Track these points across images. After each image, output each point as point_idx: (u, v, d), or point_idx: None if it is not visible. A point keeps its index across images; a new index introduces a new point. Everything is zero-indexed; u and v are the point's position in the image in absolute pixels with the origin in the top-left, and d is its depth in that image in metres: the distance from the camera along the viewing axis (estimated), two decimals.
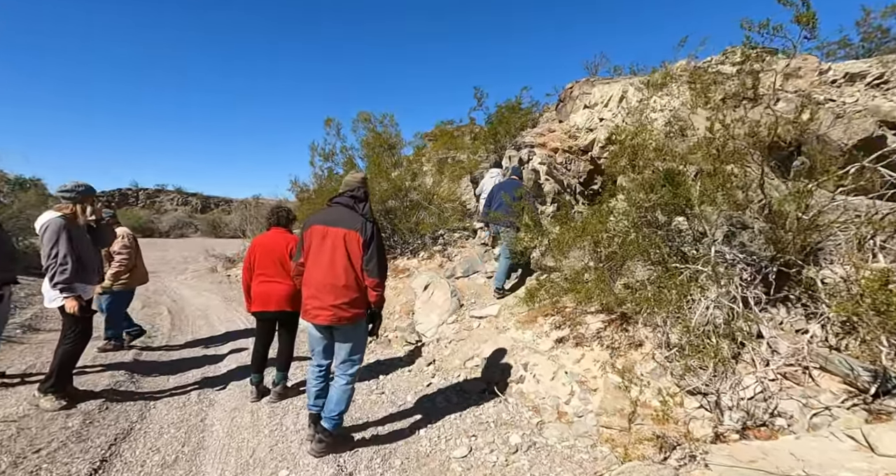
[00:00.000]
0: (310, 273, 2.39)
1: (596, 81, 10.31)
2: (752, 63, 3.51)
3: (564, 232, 3.16)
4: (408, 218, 7.45)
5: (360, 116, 7.54)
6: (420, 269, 6.72)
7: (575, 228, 3.09)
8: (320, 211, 2.53)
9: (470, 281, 5.23)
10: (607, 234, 2.83)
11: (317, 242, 2.39)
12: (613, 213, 3.01)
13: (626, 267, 3.27)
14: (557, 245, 3.23)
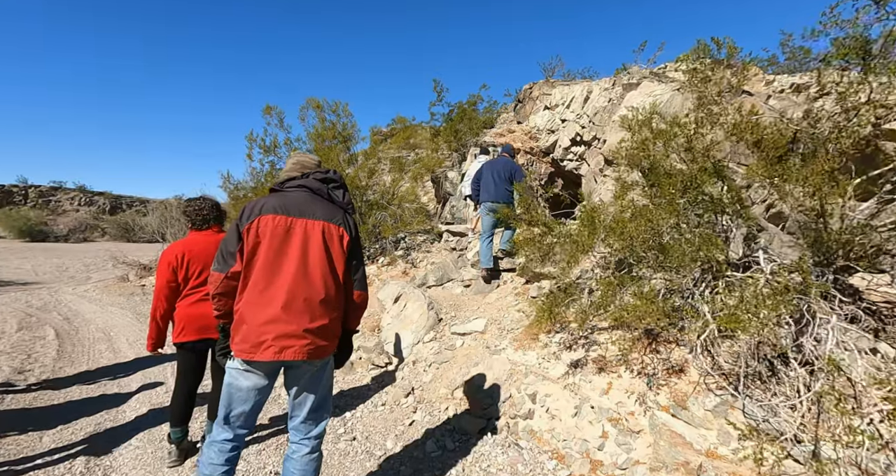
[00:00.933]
0: (263, 286, 1.59)
1: (556, 83, 10.24)
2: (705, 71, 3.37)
3: (583, 229, 2.66)
4: (364, 220, 6.66)
5: (309, 103, 6.63)
6: (381, 276, 5.97)
7: (595, 226, 2.61)
8: (268, 197, 1.73)
9: (445, 291, 4.61)
10: (643, 235, 2.38)
11: (274, 240, 1.61)
12: (638, 211, 2.57)
13: (635, 273, 2.86)
14: (572, 246, 2.73)
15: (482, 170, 4.83)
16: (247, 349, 1.56)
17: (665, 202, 2.39)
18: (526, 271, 4.04)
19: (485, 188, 4.69)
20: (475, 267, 4.74)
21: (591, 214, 2.70)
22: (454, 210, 7.14)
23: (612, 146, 5.58)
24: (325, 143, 7.07)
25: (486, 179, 4.68)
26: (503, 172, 4.67)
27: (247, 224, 1.63)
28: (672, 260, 2.17)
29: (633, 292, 2.25)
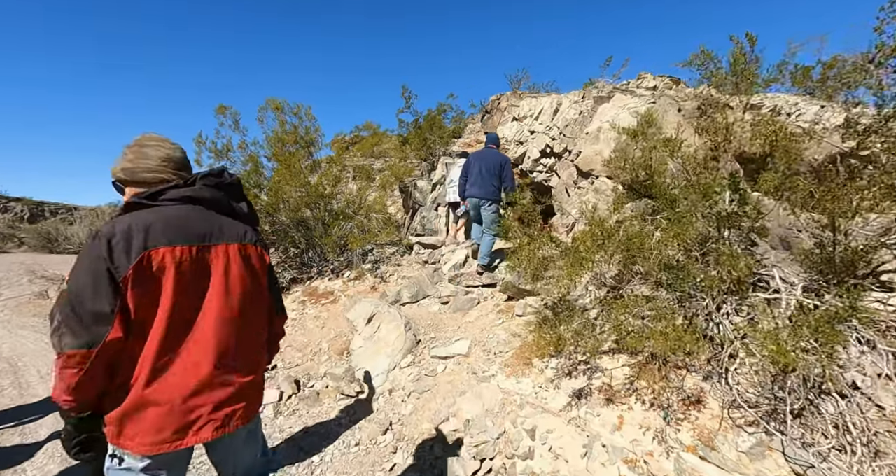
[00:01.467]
0: (177, 345, 1.14)
1: (523, 94, 10.30)
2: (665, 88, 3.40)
3: (588, 243, 2.44)
4: (327, 231, 6.19)
5: (268, 104, 6.11)
6: (348, 292, 5.52)
7: (601, 240, 2.40)
8: (136, 215, 1.15)
9: (421, 308, 4.26)
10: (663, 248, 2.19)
11: (181, 282, 1.15)
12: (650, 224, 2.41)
13: (640, 293, 2.69)
14: (573, 261, 2.50)
15: (470, 161, 4.53)
16: (164, 439, 1.10)
17: (681, 216, 2.22)
18: (509, 288, 3.80)
19: (471, 182, 4.39)
20: (453, 282, 4.45)
21: (600, 227, 2.48)
22: (425, 221, 6.83)
23: (587, 158, 5.55)
24: (285, 147, 6.55)
25: (474, 172, 4.39)
26: (493, 167, 4.40)
27: (128, 266, 1.07)
28: (688, 279, 1.99)
29: (653, 316, 2.04)
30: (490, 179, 4.38)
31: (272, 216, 6.25)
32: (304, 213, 6.16)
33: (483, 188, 4.36)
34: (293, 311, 5.40)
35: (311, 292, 5.84)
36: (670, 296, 2.22)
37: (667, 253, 2.12)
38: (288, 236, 6.24)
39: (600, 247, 2.31)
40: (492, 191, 4.37)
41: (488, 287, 4.31)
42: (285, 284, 6.26)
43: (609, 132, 5.19)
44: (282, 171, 5.90)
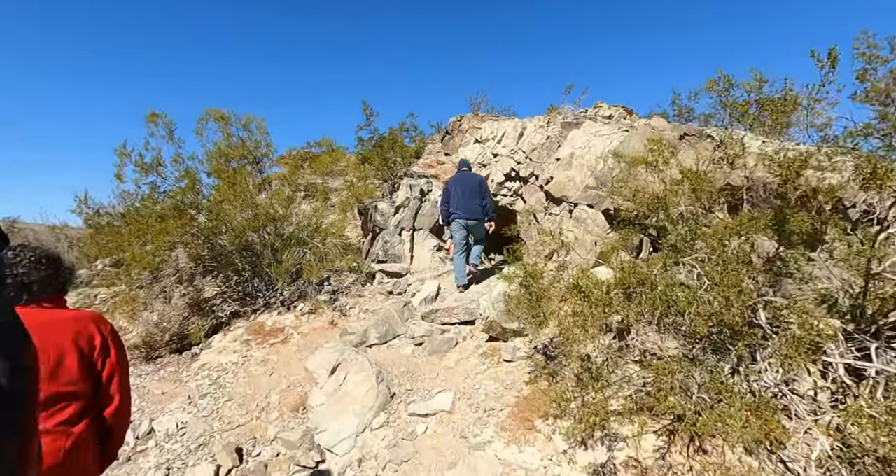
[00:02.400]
0: None
1: (485, 117, 10.25)
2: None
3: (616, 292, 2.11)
4: (277, 257, 5.49)
5: (211, 115, 5.40)
6: (301, 329, 4.84)
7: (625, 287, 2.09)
8: None
9: (391, 351, 3.74)
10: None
11: None
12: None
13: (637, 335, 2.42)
14: (597, 312, 2.14)
15: (450, 185, 4.78)
16: None
17: (725, 265, 1.94)
18: (493, 327, 3.42)
19: (454, 204, 4.61)
20: (426, 319, 3.99)
21: (633, 275, 2.11)
22: (387, 246, 6.33)
23: (560, 184, 5.42)
24: (229, 163, 5.81)
25: (456, 194, 4.63)
26: (473, 187, 4.66)
27: None
28: (745, 340, 1.70)
29: (709, 387, 1.70)
30: (473, 199, 4.61)
31: (211, 241, 5.44)
32: (249, 237, 5.43)
33: (468, 209, 4.58)
34: (235, 353, 4.63)
35: (257, 329, 5.08)
36: (724, 362, 1.91)
37: (721, 311, 1.85)
38: (230, 263, 5.45)
39: (629, 298, 1.99)
40: (477, 210, 4.63)
41: (466, 324, 3.90)
42: (225, 319, 5.43)
43: (583, 159, 5.11)
44: (224, 190, 5.17)
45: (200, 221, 5.27)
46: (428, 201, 6.94)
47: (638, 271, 2.03)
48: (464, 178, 4.73)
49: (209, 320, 5.35)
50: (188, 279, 5.64)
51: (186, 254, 5.59)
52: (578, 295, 2.02)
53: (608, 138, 4.90)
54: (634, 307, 1.90)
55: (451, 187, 4.69)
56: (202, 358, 4.75)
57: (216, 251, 5.53)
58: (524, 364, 3.06)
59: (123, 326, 5.82)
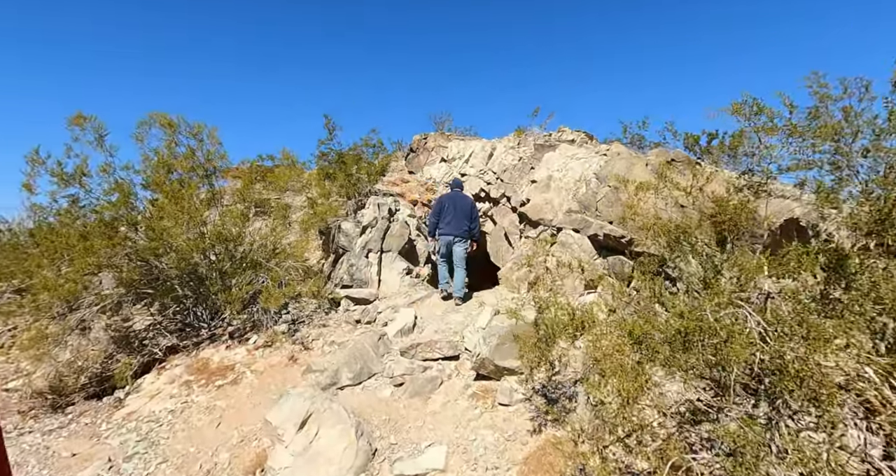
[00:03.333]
0: None
1: (451, 136, 10.15)
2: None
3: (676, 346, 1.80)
4: (224, 282, 4.84)
5: (155, 120, 4.73)
6: (255, 366, 4.22)
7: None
8: None
9: (367, 393, 3.27)
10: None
11: None
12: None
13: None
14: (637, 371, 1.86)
15: (444, 203, 5.00)
16: None
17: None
18: (485, 365, 3.09)
19: (446, 222, 4.87)
20: (405, 355, 3.58)
21: (697, 321, 1.73)
22: (353, 269, 5.85)
23: (537, 206, 5.30)
24: (172, 175, 5.11)
25: (448, 212, 4.88)
26: (465, 208, 4.94)
27: None
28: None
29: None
30: (463, 220, 4.86)
31: (148, 263, 4.69)
32: (195, 259, 4.74)
33: (457, 228, 4.83)
34: (171, 398, 3.91)
35: (201, 367, 4.37)
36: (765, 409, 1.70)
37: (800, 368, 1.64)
38: (169, 289, 4.71)
39: (687, 349, 1.70)
40: (464, 230, 4.87)
41: (450, 360, 3.54)
42: (160, 355, 4.64)
43: (561, 181, 5.04)
44: (167, 206, 4.49)
45: (137, 241, 4.52)
46: (396, 221, 6.57)
47: (697, 317, 1.73)
48: (457, 198, 5.00)
49: (139, 357, 4.54)
50: (114, 308, 4.79)
51: (114, 278, 4.76)
52: (634, 345, 1.76)
53: (586, 161, 4.87)
54: (691, 358, 1.66)
55: (445, 205, 4.95)
56: (129, 405, 3.97)
57: (153, 275, 4.77)
58: (523, 408, 2.76)
59: (23, 368, 4.82)
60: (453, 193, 5.15)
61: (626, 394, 1.72)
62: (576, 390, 2.62)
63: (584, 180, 4.51)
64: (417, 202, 8.80)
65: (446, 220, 4.86)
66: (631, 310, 2.48)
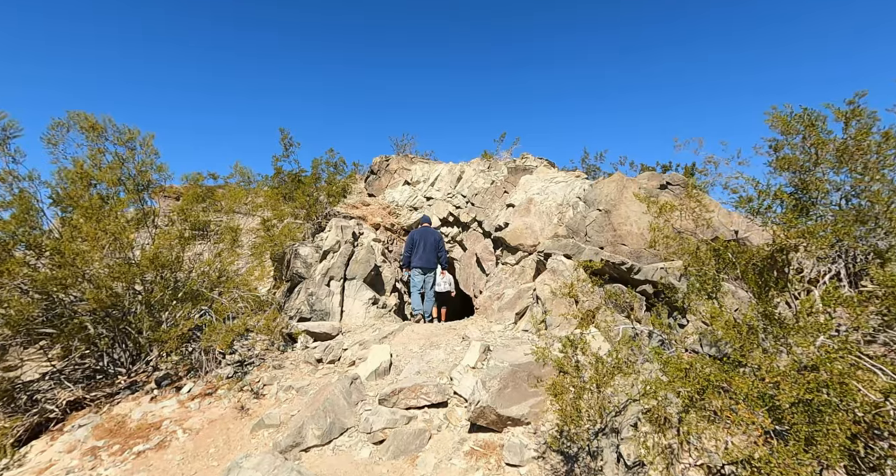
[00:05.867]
0: None
1: (415, 158, 9.84)
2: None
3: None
4: (154, 316, 4.00)
5: (76, 122, 3.93)
6: (189, 422, 3.40)
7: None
8: None
9: (340, 457, 2.64)
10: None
11: None
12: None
13: None
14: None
15: (415, 238, 5.57)
16: None
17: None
18: (486, 414, 2.62)
19: (418, 256, 5.46)
20: (385, 404, 3.01)
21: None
22: (312, 299, 5.17)
23: (517, 231, 5.03)
24: (93, 188, 4.26)
25: (419, 247, 5.49)
26: (433, 243, 5.55)
27: None
28: None
29: None
30: (432, 253, 5.49)
31: (48, 296, 3.75)
32: (116, 289, 3.87)
33: (427, 260, 5.46)
34: (67, 474, 3.00)
35: (114, 427, 3.47)
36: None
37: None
38: (77, 328, 3.77)
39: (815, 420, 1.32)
40: (434, 261, 5.54)
41: (437, 407, 3.01)
42: (56, 414, 3.65)
43: (542, 205, 4.84)
44: (84, 225, 3.65)
45: (40, 272, 3.60)
46: (361, 246, 6.01)
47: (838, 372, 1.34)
48: (427, 234, 5.57)
49: (25, 418, 3.52)
50: None
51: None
52: (758, 406, 1.39)
53: (567, 185, 4.73)
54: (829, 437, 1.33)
55: (416, 241, 5.52)
56: None
57: (55, 311, 3.82)
58: (537, 469, 2.31)
59: None
60: (422, 229, 5.70)
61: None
62: (599, 446, 2.23)
63: (569, 204, 4.33)
64: (380, 226, 8.28)
65: (418, 255, 5.43)
66: (674, 350, 2.17)
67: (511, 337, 3.75)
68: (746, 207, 2.07)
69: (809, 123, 2.13)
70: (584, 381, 1.90)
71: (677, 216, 2.67)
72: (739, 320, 1.67)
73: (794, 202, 2.10)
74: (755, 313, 1.64)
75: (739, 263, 1.95)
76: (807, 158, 2.35)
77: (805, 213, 2.24)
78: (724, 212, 3.58)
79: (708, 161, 2.94)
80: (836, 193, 2.99)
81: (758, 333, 1.48)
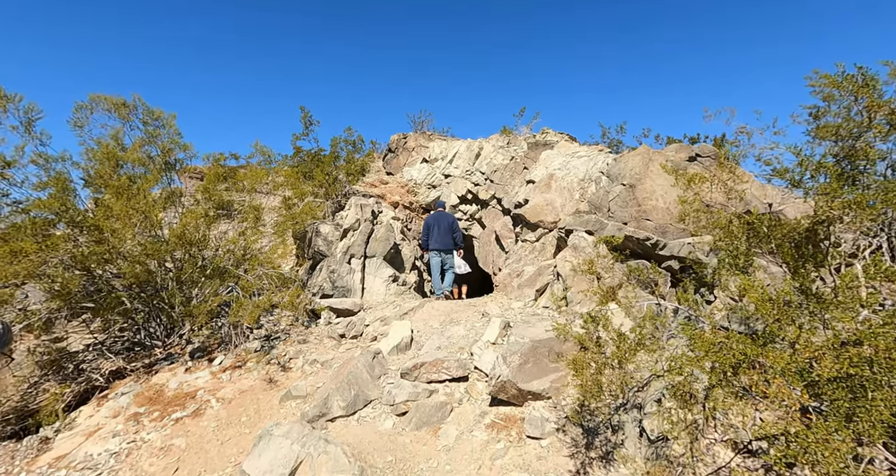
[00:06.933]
0: None
1: (433, 135, 9.72)
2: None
3: None
4: (184, 292, 4.16)
5: (100, 103, 4.00)
6: (222, 392, 3.58)
7: None
8: None
9: (365, 427, 2.74)
10: None
11: None
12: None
13: None
14: None
15: (430, 222, 5.79)
16: None
17: None
18: (506, 388, 2.65)
19: (434, 238, 5.70)
20: (407, 377, 3.08)
21: None
22: (334, 277, 5.27)
23: (537, 208, 4.95)
24: (121, 169, 4.38)
25: (434, 230, 5.72)
26: (448, 225, 5.73)
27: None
28: None
29: None
30: (448, 235, 5.69)
31: (89, 272, 3.93)
32: (149, 266, 4.03)
33: (444, 243, 5.66)
34: (115, 437, 3.21)
35: (154, 396, 3.68)
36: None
37: None
38: (115, 302, 3.96)
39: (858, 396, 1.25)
40: (450, 243, 5.72)
41: (458, 381, 3.07)
42: (101, 382, 3.89)
43: (563, 181, 4.72)
44: (115, 204, 3.78)
45: (77, 245, 3.77)
46: (381, 224, 6.05)
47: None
48: (441, 217, 5.76)
49: (74, 385, 3.77)
50: (42, 327, 3.99)
51: (45, 290, 3.97)
52: (804, 388, 1.34)
53: (590, 160, 4.58)
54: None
55: (431, 224, 5.76)
56: (58, 446, 3.22)
57: (95, 286, 4.01)
58: (558, 442, 2.33)
59: None
60: (437, 213, 5.90)
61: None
62: (621, 419, 2.23)
63: (591, 179, 4.20)
64: (398, 204, 8.29)
65: (434, 238, 5.69)
66: (706, 324, 2.12)
67: (531, 313, 3.75)
68: (787, 177, 1.95)
69: (864, 84, 1.95)
70: (606, 356, 1.89)
71: (707, 189, 2.55)
72: (774, 295, 1.60)
73: (839, 171, 1.97)
74: (791, 287, 1.57)
75: (775, 237, 1.86)
76: (856, 124, 2.18)
77: (852, 183, 2.10)
78: (758, 184, 3.41)
79: (740, 131, 2.77)
80: (882, 163, 2.80)
81: (795, 308, 1.41)
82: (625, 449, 2.14)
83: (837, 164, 2.61)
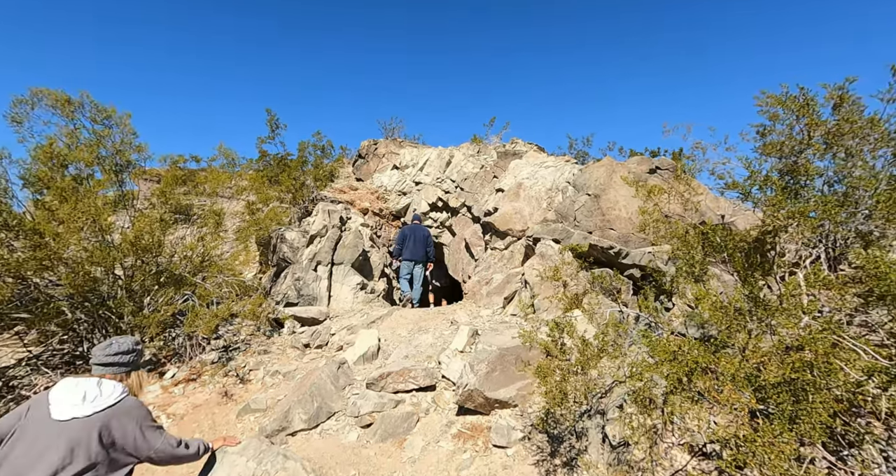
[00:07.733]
0: None
1: (404, 142, 9.69)
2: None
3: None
4: (135, 301, 3.91)
5: (43, 98, 3.73)
6: (173, 408, 3.36)
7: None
8: None
9: (328, 441, 2.64)
10: None
11: None
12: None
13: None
14: None
15: (406, 233, 5.83)
16: None
17: None
18: (473, 397, 2.63)
19: (408, 248, 5.69)
20: (373, 388, 3.00)
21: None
22: (299, 284, 5.11)
23: (506, 216, 5.01)
24: (64, 170, 4.09)
25: (410, 242, 5.72)
26: (422, 238, 5.76)
27: None
28: None
29: None
30: (422, 247, 5.71)
31: (24, 280, 3.62)
32: (93, 273, 3.75)
33: (416, 254, 5.67)
34: None
35: None
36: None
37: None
38: (53, 313, 3.66)
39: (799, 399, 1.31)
40: (422, 255, 5.72)
41: (425, 391, 3.02)
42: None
43: (531, 190, 4.80)
44: (59, 208, 3.51)
45: (12, 251, 3.46)
46: (349, 230, 5.93)
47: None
48: (417, 230, 5.84)
49: (1, 405, 3.45)
50: None
51: None
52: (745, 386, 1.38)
53: (557, 170, 4.69)
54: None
55: (407, 235, 5.78)
56: None
57: (30, 295, 3.70)
58: (524, 450, 2.34)
59: None
60: (413, 225, 6.02)
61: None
62: (585, 426, 2.26)
63: (559, 189, 4.31)
64: (368, 211, 8.18)
65: (408, 247, 5.69)
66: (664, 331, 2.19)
67: (499, 321, 3.76)
68: (739, 188, 2.07)
69: (804, 104, 2.12)
70: (570, 363, 1.91)
71: (666, 200, 2.66)
72: (726, 302, 1.68)
73: (783, 185, 2.11)
74: (741, 295, 1.65)
75: (727, 246, 1.95)
76: (797, 142, 2.35)
77: (795, 196, 2.25)
78: (712, 196, 3.61)
79: (696, 147, 2.93)
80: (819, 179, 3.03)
81: (744, 315, 1.49)
82: (588, 455, 2.17)
83: (782, 178, 2.81)
